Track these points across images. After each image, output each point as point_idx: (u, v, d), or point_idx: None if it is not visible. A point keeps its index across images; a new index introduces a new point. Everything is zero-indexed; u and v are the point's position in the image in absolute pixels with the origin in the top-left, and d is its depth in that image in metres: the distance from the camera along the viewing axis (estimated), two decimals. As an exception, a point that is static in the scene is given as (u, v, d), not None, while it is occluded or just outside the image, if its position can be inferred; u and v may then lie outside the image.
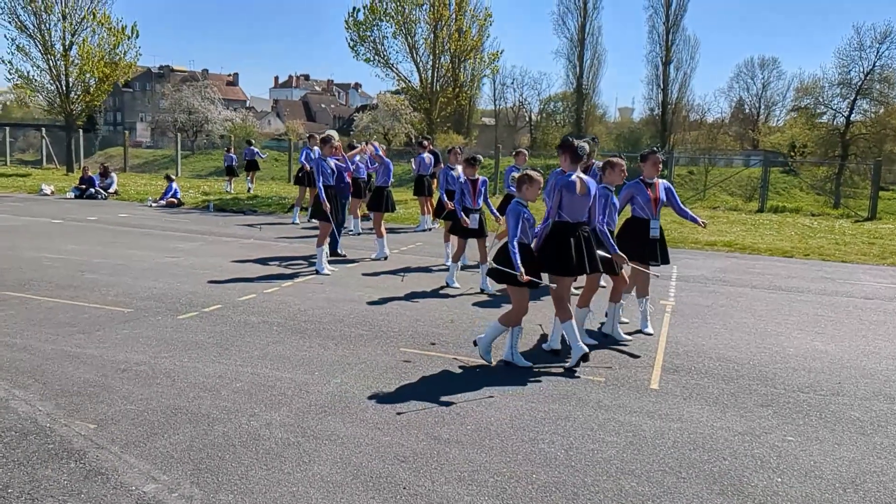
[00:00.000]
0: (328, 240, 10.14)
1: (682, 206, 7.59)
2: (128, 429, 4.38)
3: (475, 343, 6.23)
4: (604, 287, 8.45)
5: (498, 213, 9.66)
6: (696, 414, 5.17)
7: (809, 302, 9.39)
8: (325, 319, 7.27)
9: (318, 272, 9.74)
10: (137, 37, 26.58)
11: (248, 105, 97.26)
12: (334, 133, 10.40)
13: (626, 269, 7.04)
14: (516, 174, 6.31)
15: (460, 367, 5.98)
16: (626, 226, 7.31)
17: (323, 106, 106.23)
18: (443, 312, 7.82)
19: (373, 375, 5.60)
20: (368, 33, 21.84)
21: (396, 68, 22.42)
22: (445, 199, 11.31)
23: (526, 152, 11.98)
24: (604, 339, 7.02)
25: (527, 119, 65.63)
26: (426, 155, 15.85)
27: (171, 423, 4.48)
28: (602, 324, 7.40)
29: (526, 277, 5.70)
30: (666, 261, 7.39)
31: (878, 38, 43.54)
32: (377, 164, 12.59)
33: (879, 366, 6.58)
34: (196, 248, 11.71)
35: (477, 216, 9.25)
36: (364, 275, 9.92)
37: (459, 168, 10.95)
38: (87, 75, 26.35)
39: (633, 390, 5.62)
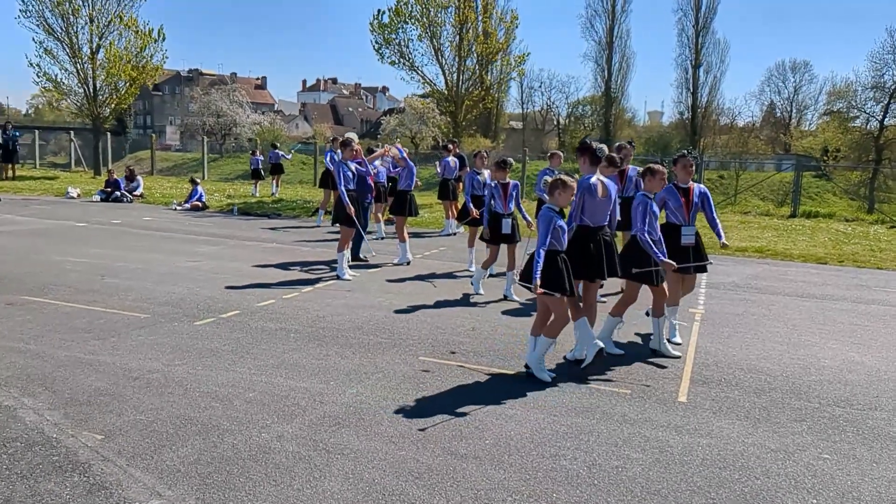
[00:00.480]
0: (350, 245, 10.02)
1: (714, 215, 7.32)
2: (135, 440, 4.27)
3: (526, 367, 5.94)
4: (603, 302, 8.30)
5: (531, 219, 9.45)
6: (726, 429, 4.93)
7: (844, 311, 9.06)
8: (344, 326, 7.13)
9: (339, 277, 9.62)
10: (164, 40, 26.81)
11: (276, 108, 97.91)
12: (354, 136, 10.26)
13: (667, 281, 6.67)
14: (549, 178, 6.03)
15: (480, 377, 5.80)
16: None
17: (350, 109, 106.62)
18: (464, 320, 7.65)
19: (390, 386, 5.44)
20: (393, 36, 21.75)
21: (421, 71, 22.34)
22: (470, 203, 11.12)
23: (561, 154, 11.26)
24: (631, 349, 6.78)
25: (555, 122, 65.22)
26: (451, 158, 15.71)
27: (180, 435, 4.36)
28: (648, 338, 6.93)
29: (539, 290, 5.51)
30: (702, 269, 7.17)
31: (912, 41, 42.49)
32: (400, 167, 12.43)
33: (919, 378, 6.29)
34: (217, 251, 11.68)
35: (509, 221, 8.94)
36: (387, 281, 9.79)
37: (486, 172, 10.75)
38: (115, 78, 26.60)
39: (660, 403, 5.40)
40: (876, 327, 8.23)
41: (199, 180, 19.81)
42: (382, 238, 13.77)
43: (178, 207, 18.38)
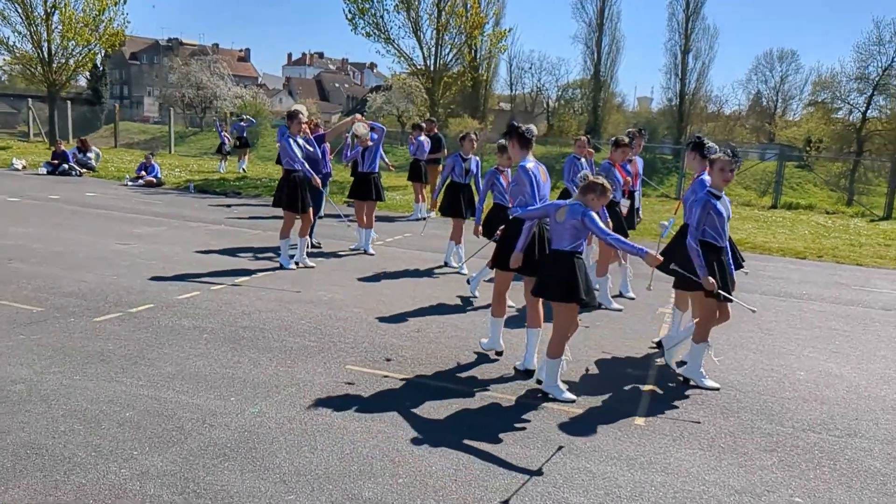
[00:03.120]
0: (307, 230, 9.18)
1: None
2: (-39, 477, 3.49)
3: (539, 382, 5.23)
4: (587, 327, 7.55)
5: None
6: (685, 462, 4.24)
7: (823, 312, 8.44)
8: (270, 326, 6.36)
9: (282, 266, 8.81)
10: (125, 2, 25.46)
11: (259, 82, 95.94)
12: (302, 108, 9.30)
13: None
14: (581, 170, 5.26)
15: (413, 392, 5.06)
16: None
17: (337, 85, 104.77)
18: (411, 320, 6.90)
19: (300, 403, 4.68)
20: (368, 5, 20.67)
21: (398, 44, 21.33)
22: (439, 187, 10.04)
23: (584, 139, 9.23)
24: (590, 354, 6.07)
25: (545, 105, 64.30)
26: (424, 137, 14.86)
27: (18, 470, 3.57)
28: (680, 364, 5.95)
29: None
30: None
31: (897, 32, 42.10)
32: (361, 147, 11.19)
33: (904, 395, 5.66)
34: (155, 233, 10.81)
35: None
36: (336, 271, 9.00)
37: (473, 158, 9.70)
38: (71, 43, 25.26)
39: (615, 427, 4.70)
40: (855, 332, 7.62)
41: (152, 155, 18.75)
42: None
43: (131, 183, 17.40)
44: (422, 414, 4.66)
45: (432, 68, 21.43)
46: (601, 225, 4.94)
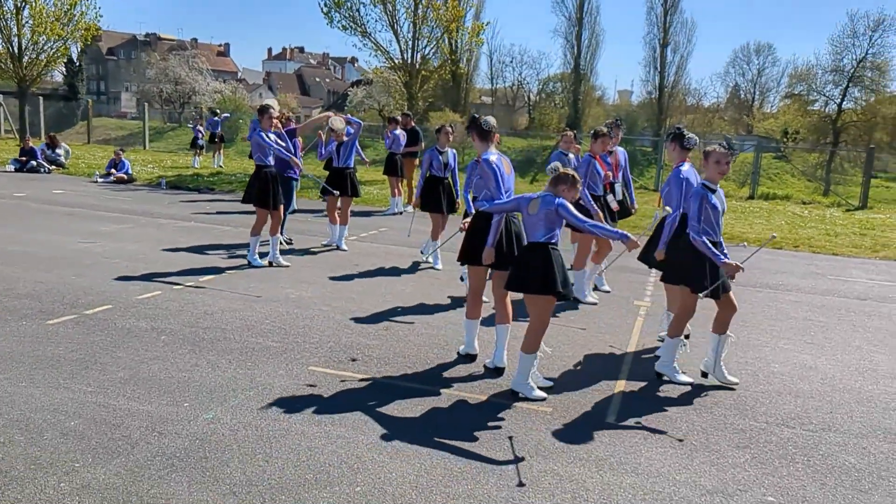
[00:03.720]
0: (279, 227, 8.95)
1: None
2: None
3: (513, 393, 5.01)
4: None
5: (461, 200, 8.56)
6: (656, 461, 4.11)
7: (798, 303, 8.37)
8: (232, 326, 6.16)
9: (250, 264, 8.57)
10: (97, -4, 24.91)
11: (239, 77, 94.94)
12: (274, 102, 9.09)
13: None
14: (559, 164, 5.09)
15: (377, 394, 4.89)
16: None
17: (317, 80, 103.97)
18: (380, 316, 6.73)
19: (257, 408, 4.50)
20: (344, -2, 20.36)
21: (374, 38, 21.03)
22: (420, 184, 9.75)
23: (570, 133, 9.12)
24: (568, 350, 5.92)
25: (526, 99, 64.17)
26: (399, 131, 14.66)
27: (-52, 488, 3.37)
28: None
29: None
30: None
31: (871, 25, 42.62)
32: (336, 141, 10.72)
33: (876, 387, 5.57)
34: (121, 231, 10.53)
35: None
36: (307, 268, 8.80)
37: (450, 151, 9.43)
38: (42, 37, 24.71)
39: (585, 425, 4.57)
40: (830, 323, 7.56)
41: (122, 151, 18.38)
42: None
43: (101, 180, 17.04)
44: (385, 416, 4.49)
45: (409, 62, 21.17)
46: (576, 213, 4.87)
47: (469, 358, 5.66)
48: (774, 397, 5.26)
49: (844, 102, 44.30)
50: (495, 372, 5.41)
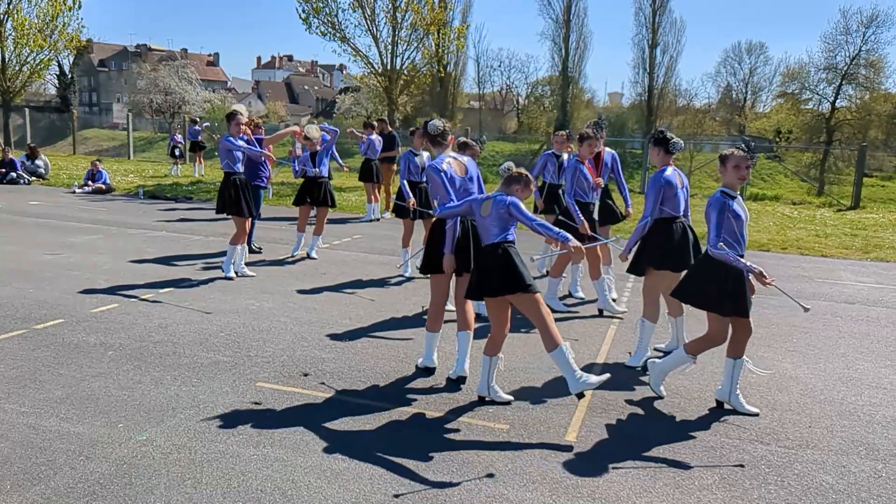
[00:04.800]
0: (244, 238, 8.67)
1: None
2: None
3: (481, 398, 4.86)
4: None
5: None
6: (615, 484, 3.85)
7: (782, 308, 8.10)
8: (185, 340, 5.89)
9: (225, 276, 8.23)
10: (80, 7, 24.71)
11: (228, 86, 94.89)
12: (242, 108, 8.80)
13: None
14: (512, 164, 4.90)
15: (327, 412, 4.62)
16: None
17: (306, 88, 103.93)
18: (341, 328, 6.46)
19: (195, 428, 4.23)
20: (322, 4, 20.09)
21: (353, 43, 20.80)
22: (407, 189, 9.47)
23: (563, 133, 8.95)
24: (531, 363, 5.66)
25: (514, 103, 64.09)
26: (375, 137, 14.41)
27: None
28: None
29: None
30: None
31: (864, 21, 42.36)
32: (309, 150, 10.43)
33: (860, 399, 5.31)
34: (90, 242, 10.26)
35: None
36: (272, 278, 8.54)
37: (425, 154, 8.98)
38: (25, 49, 24.51)
39: (542, 444, 4.30)
40: (815, 328, 7.30)
41: (99, 161, 18.12)
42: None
43: (78, 190, 16.77)
44: (331, 436, 4.22)
45: (389, 67, 20.94)
46: (525, 211, 4.68)
47: (427, 371, 5.40)
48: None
49: (838, 101, 44.14)
50: (457, 382, 5.15)
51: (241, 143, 8.44)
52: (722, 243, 4.71)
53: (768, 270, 5.01)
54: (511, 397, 4.90)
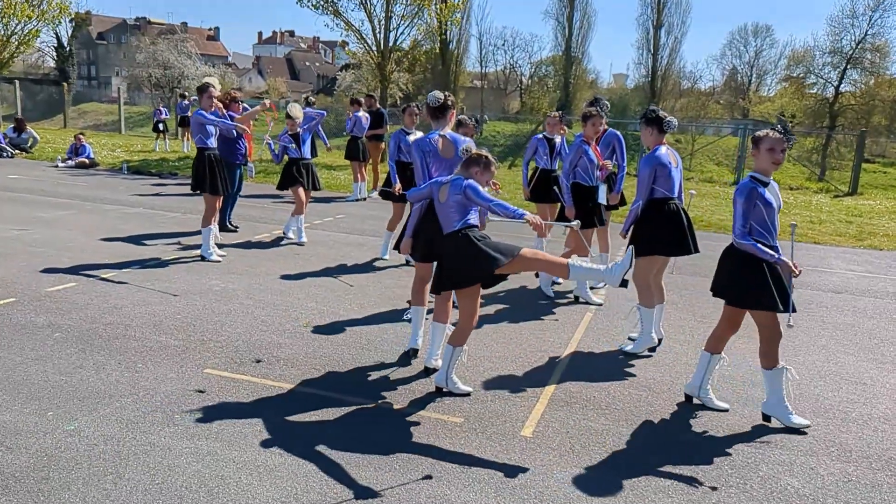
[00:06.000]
0: (217, 216, 8.38)
1: None
2: None
3: (438, 389, 4.68)
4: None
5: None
6: (565, 486, 3.63)
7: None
8: (137, 322, 5.66)
9: (203, 258, 7.96)
10: (67, -23, 24.24)
11: (229, 61, 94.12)
12: (214, 80, 8.42)
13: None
14: (471, 145, 4.65)
15: (274, 402, 4.40)
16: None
17: (307, 64, 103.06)
18: (304, 312, 6.24)
19: (129, 418, 4.01)
20: (314, -24, 19.64)
21: (346, 17, 20.36)
22: (395, 174, 9.08)
23: (557, 114, 8.46)
24: (504, 349, 5.45)
25: (518, 83, 63.51)
26: (362, 114, 14.12)
27: None
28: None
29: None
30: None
31: (870, 5, 41.69)
32: (290, 132, 9.82)
33: (837, 395, 5.08)
34: (63, 217, 10.02)
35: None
36: (244, 258, 8.31)
37: (418, 133, 8.53)
38: (13, 21, 24.06)
39: (496, 439, 4.08)
40: (798, 318, 7.01)
41: (83, 135, 17.81)
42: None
43: (62, 164, 16.50)
44: (273, 428, 4.01)
45: (382, 42, 20.53)
46: (483, 193, 4.40)
47: (407, 357, 5.24)
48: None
49: (842, 85, 43.64)
50: (426, 373, 4.95)
51: (213, 117, 8.15)
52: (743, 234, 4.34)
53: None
54: (470, 389, 4.69)
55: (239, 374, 4.75)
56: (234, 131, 8.35)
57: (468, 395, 4.64)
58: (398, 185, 7.96)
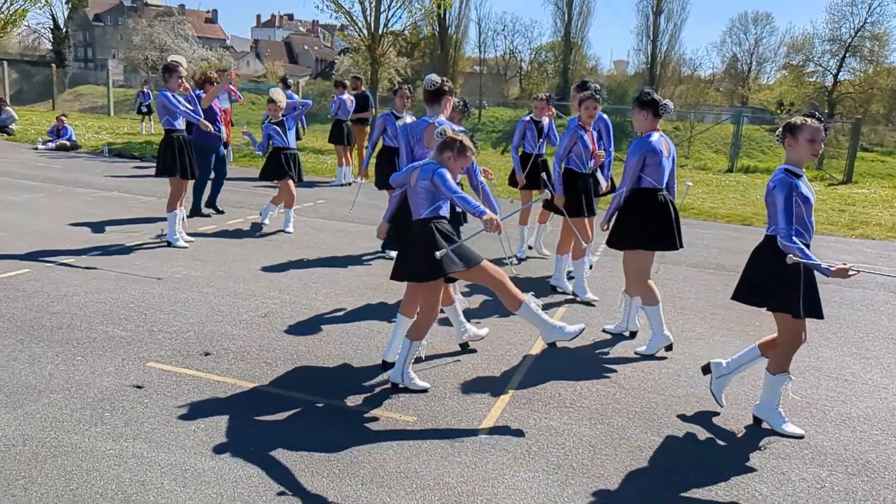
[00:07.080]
0: (184, 199, 8.05)
1: None
2: None
3: (393, 385, 4.44)
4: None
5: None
6: (517, 491, 3.40)
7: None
8: (85, 311, 5.40)
9: (170, 244, 7.68)
10: (52, -42, 23.84)
11: (227, 44, 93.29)
12: (182, 59, 8.02)
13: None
14: (447, 128, 4.33)
15: (216, 401, 4.15)
16: None
17: (306, 48, 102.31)
18: (265, 302, 5.98)
19: (54, 416, 3.76)
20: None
21: (337, -2, 19.96)
22: (367, 159, 8.73)
23: (543, 96, 8.20)
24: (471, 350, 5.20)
25: (518, 69, 63.05)
26: (347, 96, 13.80)
27: None
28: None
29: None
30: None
31: (870, -7, 41.42)
32: (272, 117, 9.02)
33: (816, 392, 4.84)
34: (31, 201, 9.74)
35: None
36: (214, 244, 8.04)
37: (409, 117, 8.12)
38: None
39: (449, 441, 3.83)
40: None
41: (65, 116, 17.49)
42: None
43: (42, 146, 16.19)
44: (208, 429, 3.76)
45: (372, 24, 20.17)
46: (450, 183, 4.14)
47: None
48: (691, 404, 4.53)
49: (841, 73, 43.37)
50: (383, 367, 4.70)
51: (180, 100, 7.82)
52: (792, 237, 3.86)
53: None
54: (427, 384, 4.44)
55: (183, 367, 4.49)
56: (199, 124, 8.00)
57: (425, 391, 4.40)
58: (364, 171, 7.74)
